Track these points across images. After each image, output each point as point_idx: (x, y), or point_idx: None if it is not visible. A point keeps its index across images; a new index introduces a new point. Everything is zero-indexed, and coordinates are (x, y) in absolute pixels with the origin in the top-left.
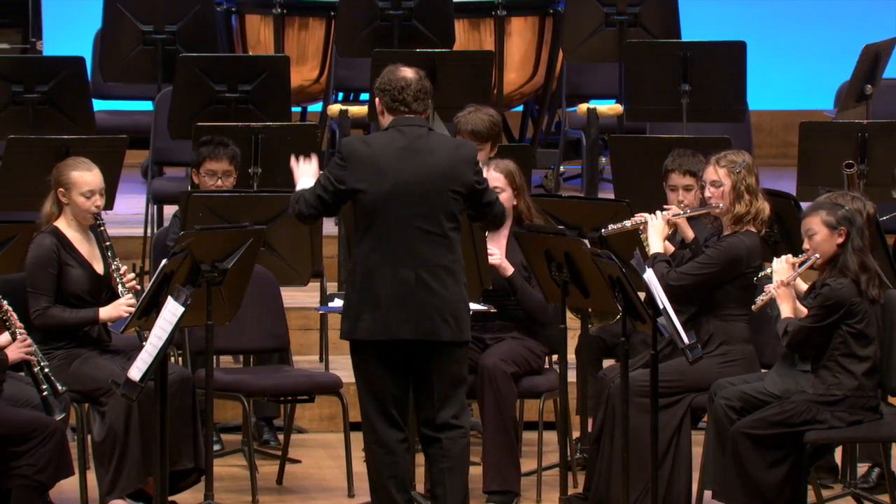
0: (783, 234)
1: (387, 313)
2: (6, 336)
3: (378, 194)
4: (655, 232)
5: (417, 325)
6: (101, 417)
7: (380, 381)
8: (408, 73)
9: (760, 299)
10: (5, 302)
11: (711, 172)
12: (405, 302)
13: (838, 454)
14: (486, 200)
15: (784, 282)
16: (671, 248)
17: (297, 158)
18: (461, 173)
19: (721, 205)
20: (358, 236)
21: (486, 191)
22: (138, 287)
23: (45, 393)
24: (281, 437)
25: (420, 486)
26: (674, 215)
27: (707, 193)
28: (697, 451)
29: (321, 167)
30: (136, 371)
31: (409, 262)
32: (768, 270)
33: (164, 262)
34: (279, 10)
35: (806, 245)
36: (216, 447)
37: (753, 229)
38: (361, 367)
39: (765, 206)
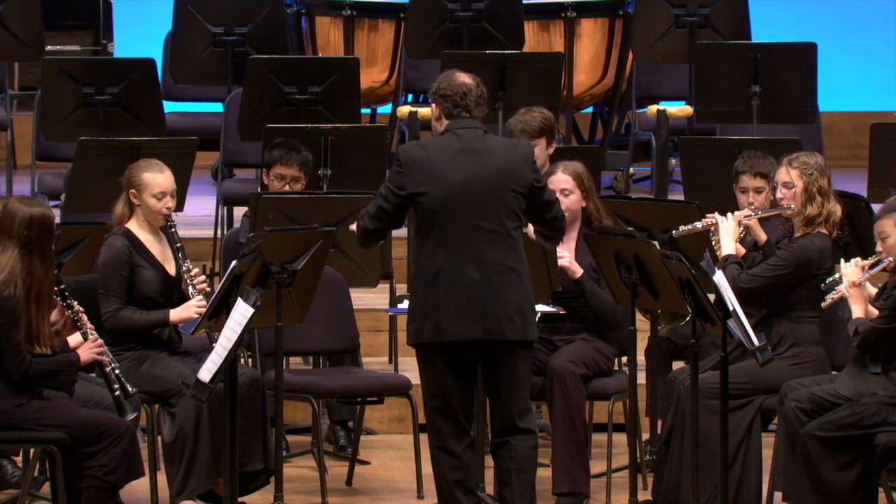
0: (854, 236)
1: (454, 315)
2: (78, 337)
3: (438, 197)
4: (727, 234)
5: (484, 325)
6: (171, 419)
7: (445, 383)
8: (467, 78)
9: (830, 297)
10: (76, 303)
11: (784, 173)
12: (471, 303)
13: None
14: (546, 199)
15: (856, 282)
16: (742, 250)
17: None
18: (520, 171)
19: (792, 206)
20: (420, 240)
21: (546, 189)
22: (208, 289)
23: (116, 393)
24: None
25: (489, 488)
26: (745, 217)
27: (779, 194)
28: (768, 454)
29: (389, 168)
30: (206, 372)
31: (473, 262)
32: (837, 275)
33: (233, 263)
34: (349, 12)
35: (879, 247)
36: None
37: (825, 231)
38: (428, 370)
39: (836, 209)
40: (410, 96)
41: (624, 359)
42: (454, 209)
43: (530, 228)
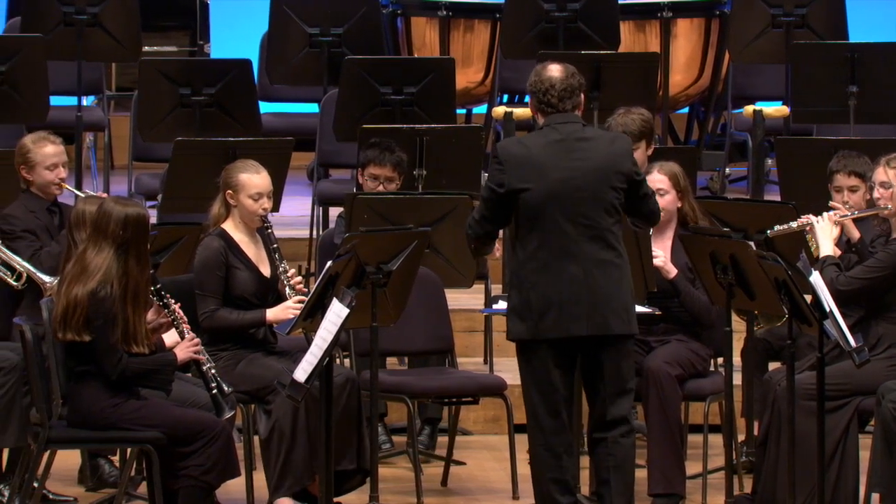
0: None
1: (559, 312)
2: (174, 336)
3: (540, 193)
4: (825, 235)
5: (590, 321)
6: (267, 417)
7: (549, 380)
8: (554, 72)
9: None
10: (173, 301)
11: (881, 173)
12: (576, 299)
13: None
14: (643, 192)
15: None
16: (838, 251)
17: None
18: (620, 165)
19: (889, 206)
20: (521, 236)
21: (644, 183)
22: (305, 290)
23: (213, 391)
24: (440, 440)
25: (585, 489)
26: (841, 216)
27: (876, 194)
28: (865, 455)
29: (484, 169)
30: (302, 372)
31: (576, 259)
32: None
33: (329, 263)
34: (445, 13)
35: None
36: (387, 446)
37: None
38: (531, 367)
39: None
40: (506, 97)
41: (720, 359)
42: (556, 206)
43: None
